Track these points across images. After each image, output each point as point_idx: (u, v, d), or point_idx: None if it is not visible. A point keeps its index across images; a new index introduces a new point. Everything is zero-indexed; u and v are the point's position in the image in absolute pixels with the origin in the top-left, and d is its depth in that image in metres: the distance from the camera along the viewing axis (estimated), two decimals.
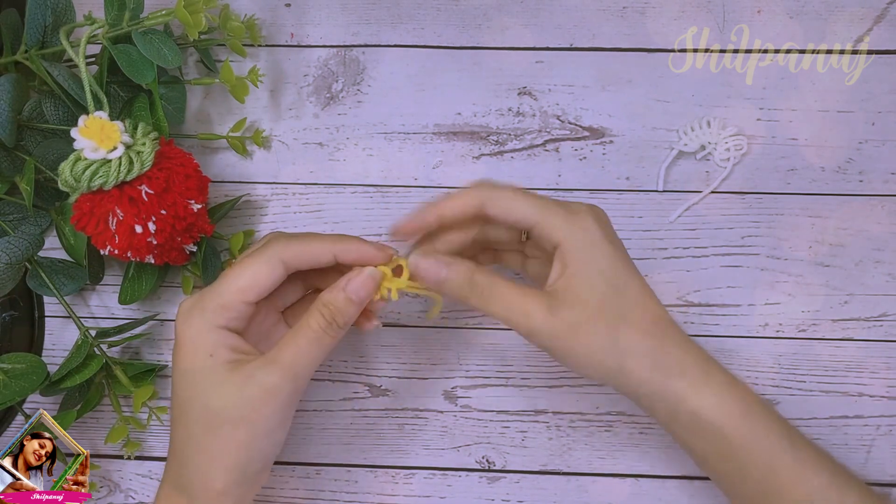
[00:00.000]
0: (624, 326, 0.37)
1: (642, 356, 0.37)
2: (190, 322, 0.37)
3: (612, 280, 0.37)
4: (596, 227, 0.38)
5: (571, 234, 0.37)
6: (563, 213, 0.38)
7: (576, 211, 0.38)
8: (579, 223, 0.38)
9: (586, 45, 0.50)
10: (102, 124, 0.41)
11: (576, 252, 0.37)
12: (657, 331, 0.38)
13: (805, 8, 0.49)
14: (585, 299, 0.37)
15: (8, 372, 0.43)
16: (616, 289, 0.37)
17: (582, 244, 0.37)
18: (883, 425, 0.48)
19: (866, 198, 0.49)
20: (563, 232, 0.37)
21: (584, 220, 0.38)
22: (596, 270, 0.37)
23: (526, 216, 0.38)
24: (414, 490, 0.50)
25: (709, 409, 0.37)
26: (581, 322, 0.37)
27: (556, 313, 0.37)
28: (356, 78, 0.51)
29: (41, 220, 0.48)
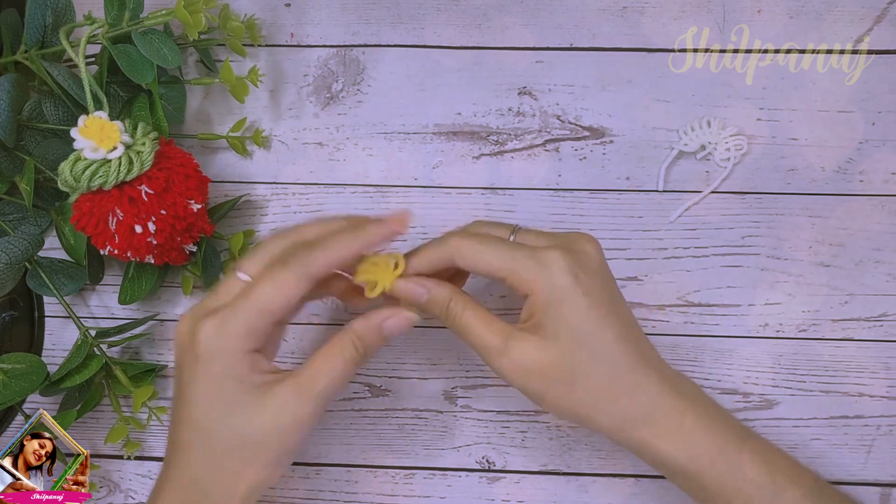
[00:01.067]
0: (580, 384, 0.37)
1: (600, 411, 0.37)
2: (217, 346, 0.35)
3: (575, 335, 0.36)
4: (567, 278, 0.36)
5: (540, 287, 0.36)
6: (533, 265, 0.37)
7: (546, 261, 0.37)
8: (548, 276, 0.36)
9: (586, 45, 0.50)
10: (102, 124, 0.41)
11: (542, 305, 0.36)
12: (619, 386, 0.37)
13: (805, 8, 0.49)
14: (545, 351, 0.36)
15: (8, 372, 0.43)
16: (579, 344, 0.36)
17: (549, 298, 0.36)
18: (883, 425, 0.48)
19: (866, 198, 0.49)
20: (530, 285, 0.36)
21: (554, 273, 0.36)
22: (562, 325, 0.36)
23: (494, 269, 0.37)
24: (414, 490, 0.50)
25: (675, 454, 0.37)
26: (535, 370, 0.37)
27: (511, 355, 0.37)
28: (356, 78, 0.51)
29: (41, 220, 0.48)
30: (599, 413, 0.37)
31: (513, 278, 0.37)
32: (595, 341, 0.37)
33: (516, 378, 0.37)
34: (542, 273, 0.36)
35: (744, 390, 0.49)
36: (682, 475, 0.38)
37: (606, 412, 0.37)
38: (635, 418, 0.37)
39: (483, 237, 0.38)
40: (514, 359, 0.37)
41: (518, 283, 0.37)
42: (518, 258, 0.37)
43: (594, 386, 0.37)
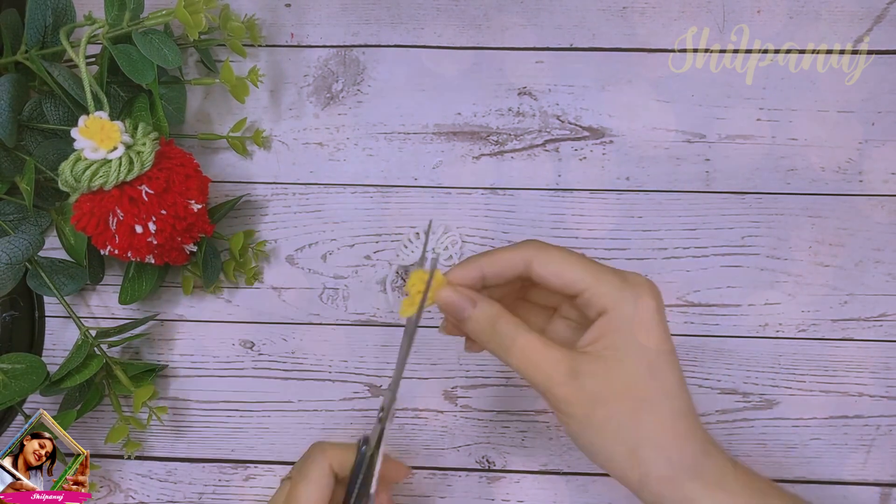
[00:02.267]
0: (647, 413, 0.34)
1: (659, 448, 0.34)
2: None
3: (650, 363, 0.34)
4: (652, 303, 0.35)
5: (622, 305, 0.34)
6: (618, 282, 0.35)
7: (632, 282, 0.35)
8: (635, 296, 0.34)
9: (586, 45, 0.50)
10: (102, 124, 0.41)
11: (622, 323, 0.34)
12: (681, 427, 0.35)
13: (805, 8, 0.49)
14: (615, 375, 0.34)
15: (8, 372, 0.43)
16: (652, 373, 0.34)
17: (631, 318, 0.34)
18: (883, 425, 0.48)
19: (866, 198, 0.49)
20: (614, 301, 0.34)
21: (641, 295, 0.35)
22: (637, 348, 0.34)
23: (576, 281, 0.35)
24: (414, 490, 0.50)
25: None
26: (604, 396, 0.34)
27: (580, 380, 0.34)
28: (356, 78, 0.51)
29: (41, 220, 0.48)
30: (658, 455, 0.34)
31: (593, 292, 0.34)
32: (667, 374, 0.35)
33: (580, 408, 0.34)
34: (628, 291, 0.34)
35: (744, 390, 0.49)
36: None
37: (665, 455, 0.34)
38: (685, 466, 0.34)
39: (563, 248, 0.36)
40: (584, 385, 0.34)
41: (597, 298, 0.34)
42: (604, 272, 0.35)
43: (662, 422, 0.34)
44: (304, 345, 0.50)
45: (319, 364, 0.50)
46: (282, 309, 0.50)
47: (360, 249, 0.50)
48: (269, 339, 0.50)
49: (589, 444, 0.35)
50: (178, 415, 0.51)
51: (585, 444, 0.35)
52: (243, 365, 0.50)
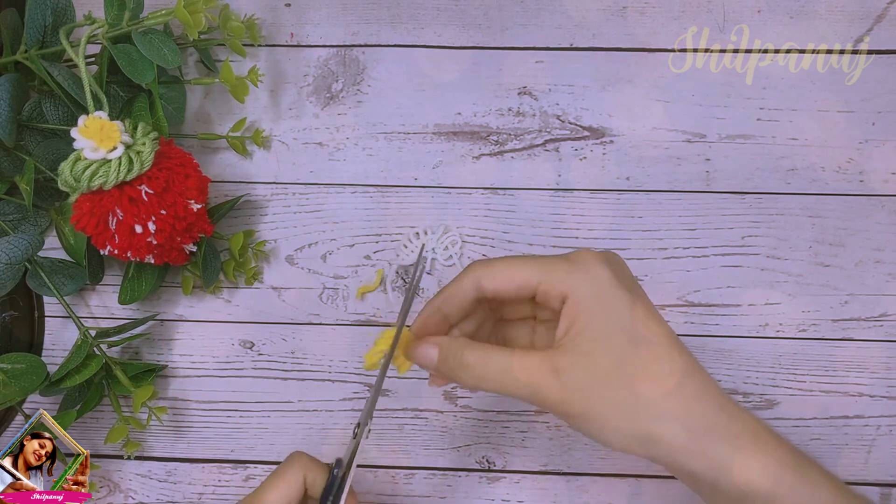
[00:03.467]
0: (645, 384, 0.32)
1: (672, 418, 0.32)
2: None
3: (627, 331, 0.32)
4: (606, 272, 0.33)
5: (578, 286, 0.33)
6: (566, 265, 0.33)
7: (580, 260, 0.34)
8: (585, 271, 0.33)
9: (586, 45, 0.50)
10: (102, 124, 0.41)
11: (584, 303, 0.32)
12: (688, 388, 0.32)
13: (805, 8, 0.49)
14: (596, 356, 0.32)
15: (8, 372, 0.43)
16: (633, 341, 0.32)
17: (590, 293, 0.32)
18: (883, 425, 0.48)
19: (866, 198, 0.49)
20: (567, 284, 0.33)
21: (592, 268, 0.33)
22: (608, 321, 0.32)
23: (526, 280, 0.34)
24: (414, 490, 0.50)
25: (758, 476, 0.31)
26: (593, 384, 0.32)
27: (564, 377, 0.32)
28: (356, 78, 0.51)
29: (41, 220, 0.48)
30: (674, 426, 0.31)
31: (546, 284, 0.33)
32: (651, 335, 0.32)
33: (576, 404, 0.32)
34: (578, 270, 0.33)
35: (744, 390, 0.49)
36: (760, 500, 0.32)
37: (681, 424, 0.31)
38: (706, 428, 0.32)
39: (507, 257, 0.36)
40: (571, 379, 0.32)
41: (552, 288, 0.33)
42: (549, 261, 0.34)
43: (663, 390, 0.32)
44: (303, 345, 0.50)
45: (319, 364, 0.50)
46: (281, 309, 0.50)
47: (360, 249, 0.50)
48: (268, 339, 0.50)
49: (601, 437, 0.32)
50: (178, 415, 0.51)
51: (598, 438, 0.33)
52: (243, 365, 0.50)
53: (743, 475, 0.31)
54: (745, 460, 0.31)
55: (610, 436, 0.32)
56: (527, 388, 0.32)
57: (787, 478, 0.31)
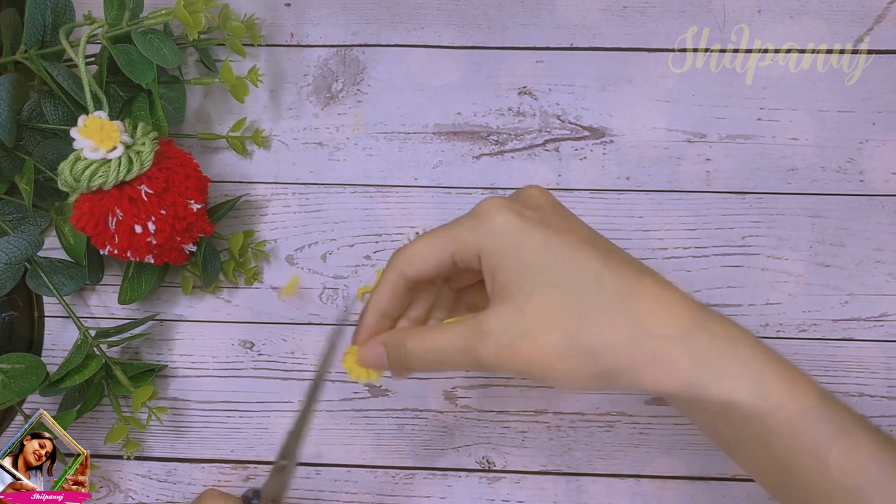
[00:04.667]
0: (582, 321, 0.30)
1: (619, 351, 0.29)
2: None
3: (550, 268, 0.30)
4: (509, 217, 0.31)
5: (485, 240, 0.31)
6: (471, 222, 0.32)
7: (482, 212, 0.32)
8: (489, 223, 0.31)
9: (586, 45, 0.50)
10: (102, 124, 0.41)
11: (494, 257, 0.31)
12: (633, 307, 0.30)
13: (805, 8, 0.49)
14: (522, 307, 0.30)
15: (8, 372, 0.43)
16: (560, 276, 0.30)
17: (498, 246, 0.31)
18: (883, 425, 0.48)
19: (866, 198, 0.49)
20: (475, 243, 0.31)
21: (495, 217, 0.31)
22: (524, 266, 0.30)
23: (439, 255, 0.32)
24: (414, 490, 0.50)
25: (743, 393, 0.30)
26: (525, 333, 0.30)
27: (495, 338, 0.30)
28: (356, 78, 0.51)
29: (41, 219, 0.48)
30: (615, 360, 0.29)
31: (458, 252, 0.32)
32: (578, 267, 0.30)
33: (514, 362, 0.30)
34: (481, 225, 0.31)
35: None
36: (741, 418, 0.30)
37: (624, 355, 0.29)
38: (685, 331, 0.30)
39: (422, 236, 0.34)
40: (497, 340, 0.30)
41: (464, 252, 0.31)
42: (456, 224, 0.32)
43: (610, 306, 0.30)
44: (303, 345, 0.50)
45: None
46: (281, 309, 0.50)
47: (360, 249, 0.50)
48: (268, 339, 0.50)
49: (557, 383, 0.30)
50: (178, 415, 0.51)
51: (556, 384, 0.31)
52: (243, 365, 0.50)
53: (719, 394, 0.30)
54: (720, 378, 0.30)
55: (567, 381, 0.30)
56: (466, 358, 0.31)
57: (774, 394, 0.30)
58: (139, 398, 0.45)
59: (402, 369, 0.33)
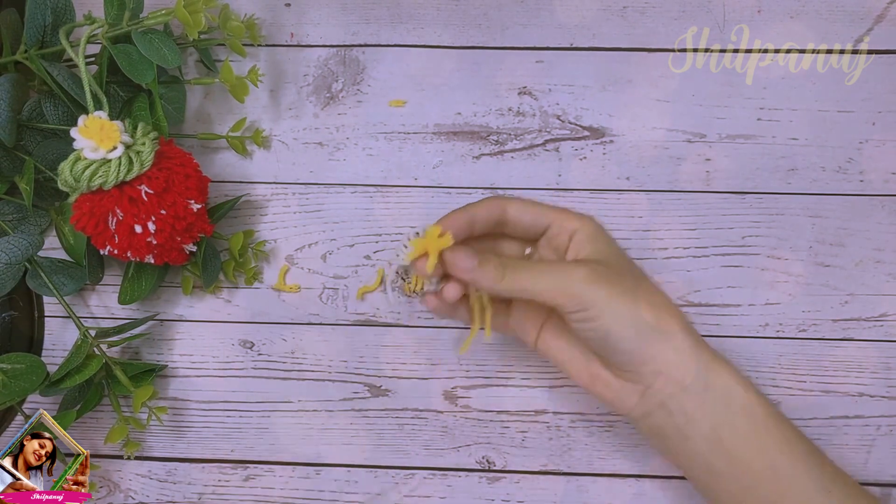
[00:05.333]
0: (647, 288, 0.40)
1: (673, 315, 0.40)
2: None
3: (624, 255, 0.41)
4: (600, 222, 0.42)
5: (586, 224, 0.41)
6: (574, 213, 0.41)
7: (581, 213, 0.42)
8: (590, 218, 0.41)
9: (586, 45, 0.50)
10: (102, 124, 0.41)
11: (593, 234, 0.41)
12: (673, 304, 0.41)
13: (805, 8, 0.49)
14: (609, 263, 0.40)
15: (8, 372, 0.43)
16: (629, 262, 0.41)
17: (597, 229, 0.41)
18: (883, 425, 0.48)
19: (866, 198, 0.49)
20: (579, 222, 0.41)
21: (592, 217, 0.42)
22: (611, 247, 0.41)
23: (543, 210, 0.41)
24: (414, 490, 0.50)
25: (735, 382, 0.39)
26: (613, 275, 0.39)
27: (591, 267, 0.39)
28: (356, 78, 0.51)
29: (41, 219, 0.48)
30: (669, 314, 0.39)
31: (561, 220, 0.41)
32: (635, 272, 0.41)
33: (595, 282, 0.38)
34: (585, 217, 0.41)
35: None
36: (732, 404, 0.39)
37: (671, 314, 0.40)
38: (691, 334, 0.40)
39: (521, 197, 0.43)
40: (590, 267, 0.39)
41: (566, 223, 0.41)
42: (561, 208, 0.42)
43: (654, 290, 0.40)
44: (303, 345, 0.50)
45: (319, 364, 0.50)
46: (281, 309, 0.50)
47: (360, 249, 0.50)
48: (268, 339, 0.50)
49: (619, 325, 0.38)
50: (178, 415, 0.51)
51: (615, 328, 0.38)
52: (243, 365, 0.50)
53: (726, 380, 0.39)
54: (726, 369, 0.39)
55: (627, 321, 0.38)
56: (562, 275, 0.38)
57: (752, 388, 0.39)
58: (139, 398, 0.45)
59: (495, 280, 0.39)
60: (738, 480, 0.39)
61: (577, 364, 0.42)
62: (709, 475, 0.40)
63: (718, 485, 0.40)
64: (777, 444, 0.39)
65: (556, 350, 0.43)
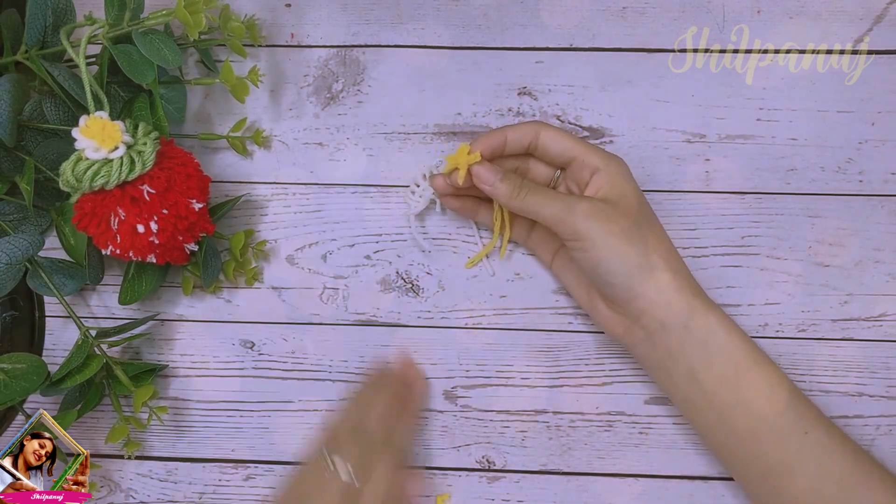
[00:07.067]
0: (648, 228, 0.42)
1: (664, 257, 0.42)
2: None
3: (639, 199, 0.43)
4: (628, 168, 0.44)
5: (610, 163, 0.43)
6: (602, 151, 0.44)
7: (612, 153, 0.44)
8: (617, 159, 0.44)
9: (586, 45, 0.50)
10: (103, 124, 0.41)
11: (615, 175, 0.43)
12: (673, 249, 0.43)
13: (805, 8, 0.49)
14: (621, 203, 0.42)
15: (8, 372, 0.43)
16: (641, 205, 0.43)
17: (619, 171, 0.43)
18: (883, 425, 0.48)
19: (866, 198, 0.49)
20: (603, 161, 0.43)
21: (620, 160, 0.44)
22: (630, 188, 0.43)
23: (572, 145, 0.44)
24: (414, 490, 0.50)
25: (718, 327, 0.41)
26: (616, 214, 0.41)
27: (594, 203, 0.41)
28: (356, 78, 0.51)
29: (41, 220, 0.48)
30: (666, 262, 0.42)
31: (587, 154, 0.43)
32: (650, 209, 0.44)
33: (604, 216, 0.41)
34: (611, 157, 0.43)
35: None
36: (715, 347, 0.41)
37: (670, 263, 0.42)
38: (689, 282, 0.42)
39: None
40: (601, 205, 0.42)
41: (590, 159, 0.43)
42: (589, 145, 0.44)
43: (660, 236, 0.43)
44: (304, 345, 0.50)
45: (319, 364, 0.50)
46: (282, 309, 0.50)
47: (360, 249, 0.50)
48: (269, 339, 0.50)
49: (610, 258, 0.41)
50: (179, 415, 0.51)
51: (606, 260, 0.41)
52: (243, 365, 0.50)
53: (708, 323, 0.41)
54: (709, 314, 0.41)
55: (616, 256, 0.41)
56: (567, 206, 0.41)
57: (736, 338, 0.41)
58: (140, 398, 0.45)
59: (510, 197, 0.43)
60: (713, 412, 0.42)
61: (581, 288, 0.46)
62: (686, 404, 0.43)
63: (695, 414, 0.43)
64: (755, 385, 0.41)
65: (566, 272, 0.47)
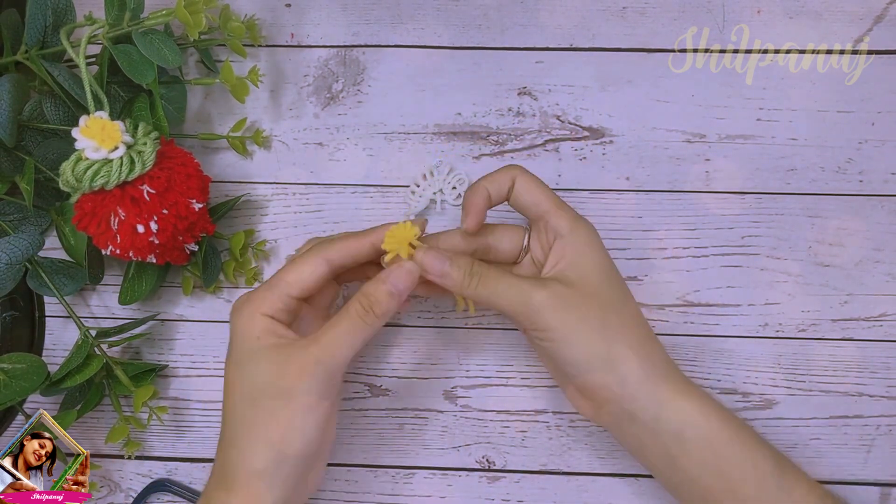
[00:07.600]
0: (614, 315, 0.40)
1: (631, 347, 0.39)
2: (241, 312, 0.40)
3: (606, 275, 0.41)
4: (596, 234, 0.42)
5: (577, 229, 0.41)
6: (573, 213, 0.41)
7: (580, 216, 0.42)
8: (584, 224, 0.41)
9: (586, 45, 0.50)
10: (103, 124, 0.41)
11: (579, 244, 0.41)
12: (643, 331, 0.41)
13: (805, 8, 0.49)
14: (581, 284, 0.40)
15: (8, 372, 0.43)
16: (609, 283, 0.41)
17: (584, 240, 0.41)
18: (883, 425, 0.48)
19: (866, 198, 0.49)
20: (570, 226, 0.41)
21: (588, 225, 0.42)
22: (594, 263, 0.41)
23: (543, 199, 0.41)
24: (414, 490, 0.50)
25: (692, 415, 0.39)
26: (575, 302, 0.39)
27: (553, 291, 0.39)
28: (356, 78, 0.51)
29: (41, 220, 0.48)
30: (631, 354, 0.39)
31: (557, 215, 0.41)
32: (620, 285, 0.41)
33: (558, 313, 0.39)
34: (580, 222, 0.41)
35: (744, 390, 0.49)
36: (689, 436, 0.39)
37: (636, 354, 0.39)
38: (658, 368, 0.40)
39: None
40: (560, 293, 0.39)
41: (556, 221, 0.41)
42: (562, 204, 0.42)
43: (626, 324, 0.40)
44: None
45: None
46: None
47: None
48: None
49: (569, 352, 0.39)
50: (179, 415, 0.51)
51: (564, 352, 0.39)
52: None
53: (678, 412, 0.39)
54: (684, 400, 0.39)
55: (576, 350, 0.39)
56: (522, 295, 0.39)
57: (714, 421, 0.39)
58: (140, 398, 0.45)
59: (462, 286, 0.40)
60: (696, 491, 0.40)
61: (550, 364, 0.44)
62: (669, 484, 0.42)
63: (680, 493, 0.41)
64: (738, 469, 0.39)
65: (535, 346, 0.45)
